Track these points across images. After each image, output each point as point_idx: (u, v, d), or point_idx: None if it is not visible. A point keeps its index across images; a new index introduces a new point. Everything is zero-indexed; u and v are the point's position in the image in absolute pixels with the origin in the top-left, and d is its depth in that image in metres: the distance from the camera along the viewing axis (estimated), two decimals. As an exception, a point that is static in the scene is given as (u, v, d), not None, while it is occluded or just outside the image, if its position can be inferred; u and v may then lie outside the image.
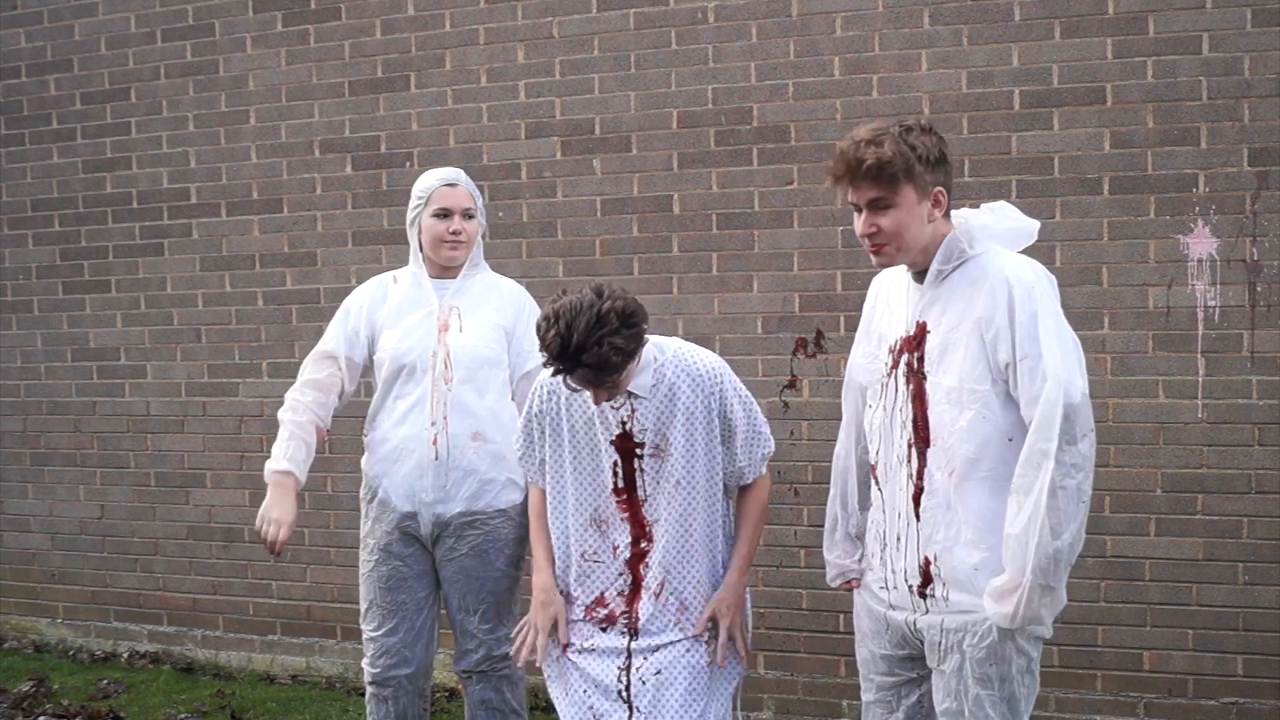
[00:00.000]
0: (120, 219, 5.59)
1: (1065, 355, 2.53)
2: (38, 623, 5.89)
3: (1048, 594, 2.50)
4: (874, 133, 2.61)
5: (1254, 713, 4.21)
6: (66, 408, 5.75)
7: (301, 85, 5.26)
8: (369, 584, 3.69)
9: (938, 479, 2.64)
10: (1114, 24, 4.23)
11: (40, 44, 5.69)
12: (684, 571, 3.07)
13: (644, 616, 3.05)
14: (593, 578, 3.11)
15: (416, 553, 3.66)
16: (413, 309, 3.67)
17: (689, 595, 3.08)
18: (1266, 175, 4.12)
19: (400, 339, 3.64)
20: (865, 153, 2.58)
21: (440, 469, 3.58)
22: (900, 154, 2.57)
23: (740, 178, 4.67)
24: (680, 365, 3.02)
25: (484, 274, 3.77)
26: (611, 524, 3.09)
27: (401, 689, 3.68)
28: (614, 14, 4.80)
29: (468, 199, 3.66)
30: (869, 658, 2.90)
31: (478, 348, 3.61)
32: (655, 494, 3.06)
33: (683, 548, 3.07)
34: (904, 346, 2.72)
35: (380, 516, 3.67)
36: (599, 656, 3.07)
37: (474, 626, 3.64)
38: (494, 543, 3.61)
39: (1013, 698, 2.63)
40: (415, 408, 3.60)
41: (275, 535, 3.56)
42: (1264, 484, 4.18)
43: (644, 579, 3.07)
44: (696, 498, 3.05)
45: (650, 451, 3.03)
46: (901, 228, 2.61)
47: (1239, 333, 4.17)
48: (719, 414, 3.04)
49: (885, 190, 2.59)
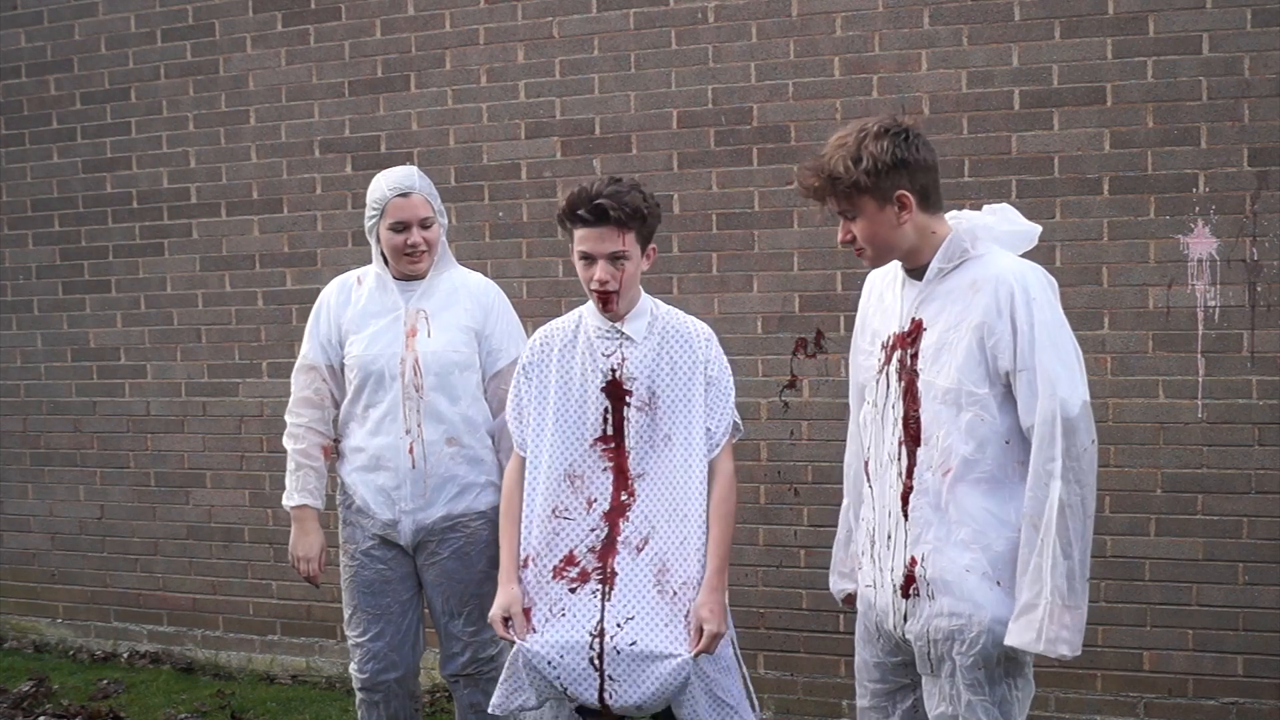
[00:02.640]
0: (120, 219, 5.59)
1: (1064, 367, 2.53)
2: (38, 623, 5.89)
3: (1068, 613, 2.49)
4: (821, 156, 2.66)
5: (1254, 713, 4.21)
6: (66, 408, 5.76)
7: (301, 85, 5.26)
8: (351, 590, 3.66)
9: (928, 478, 2.64)
10: (1114, 24, 4.22)
11: (40, 44, 5.69)
12: (670, 531, 3.03)
13: (621, 571, 3.00)
14: (561, 535, 3.06)
15: (398, 556, 3.63)
16: (379, 313, 3.59)
17: (671, 557, 3.02)
18: (1266, 175, 4.12)
19: (367, 345, 3.57)
20: (806, 177, 2.67)
21: (418, 477, 3.55)
22: (844, 170, 2.60)
23: (740, 178, 4.67)
24: (672, 320, 3.16)
25: (451, 271, 3.66)
26: (588, 477, 3.07)
27: (391, 693, 3.66)
28: (614, 14, 4.80)
29: (423, 207, 3.53)
30: (862, 664, 2.90)
31: (447, 353, 3.55)
32: (641, 447, 3.06)
33: (670, 506, 3.04)
34: (897, 343, 2.72)
35: (359, 523, 3.64)
36: (570, 621, 2.99)
37: (459, 629, 3.62)
38: (475, 545, 3.57)
39: (1004, 702, 2.62)
40: (388, 416, 3.55)
41: (308, 571, 3.69)
42: (1264, 484, 4.18)
43: (621, 533, 3.03)
44: (688, 456, 3.04)
45: (639, 404, 3.05)
46: (872, 234, 2.66)
47: (1239, 333, 4.17)
48: (703, 370, 3.09)
49: (843, 203, 2.66)
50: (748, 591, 4.68)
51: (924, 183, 2.64)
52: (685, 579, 3.01)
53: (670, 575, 3.01)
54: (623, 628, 2.96)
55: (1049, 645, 2.50)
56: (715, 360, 3.13)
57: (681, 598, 3.00)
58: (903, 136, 2.61)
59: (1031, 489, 2.52)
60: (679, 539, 3.02)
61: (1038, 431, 2.51)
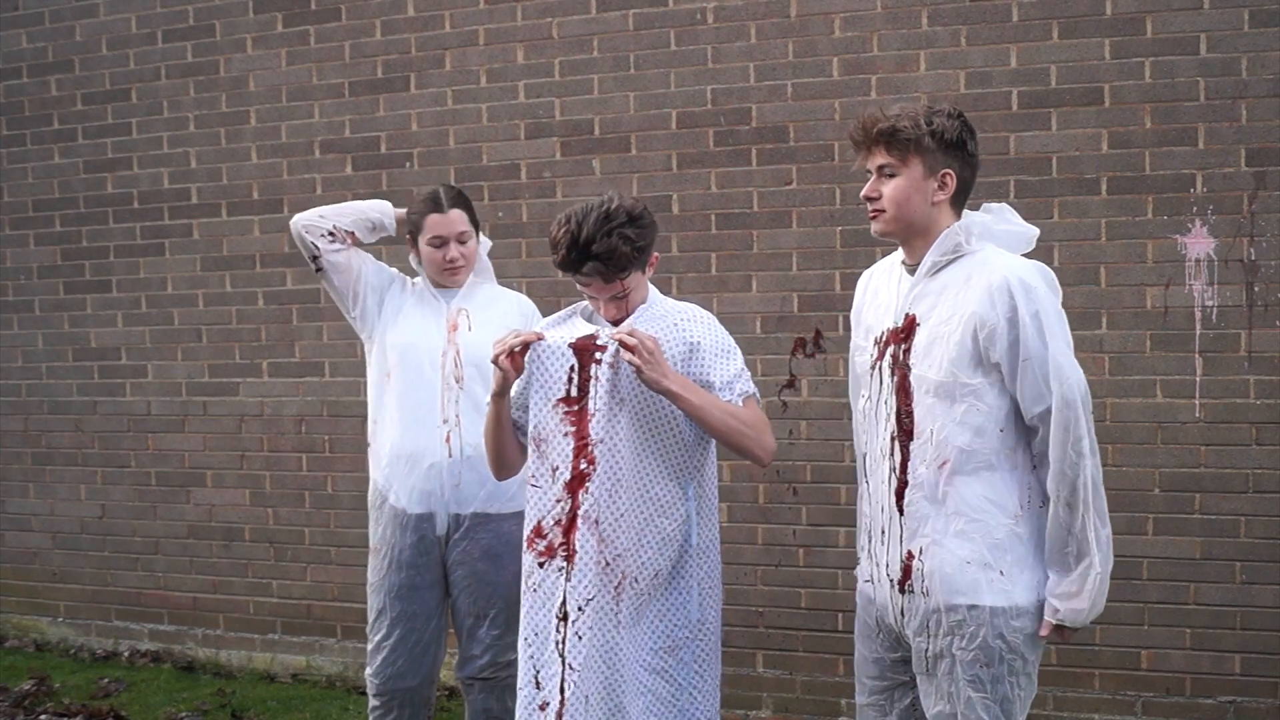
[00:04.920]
0: (121, 219, 5.61)
1: (1067, 354, 2.60)
2: (39, 621, 5.90)
3: (1108, 581, 2.62)
4: (899, 106, 2.72)
5: (1252, 711, 4.22)
6: (68, 407, 5.77)
7: (302, 86, 5.27)
8: (378, 593, 3.66)
9: (921, 472, 2.65)
10: (1112, 24, 4.23)
11: (41, 45, 5.70)
12: (614, 505, 2.87)
13: (580, 549, 2.84)
14: (531, 505, 2.93)
15: (429, 562, 3.63)
16: (421, 310, 3.68)
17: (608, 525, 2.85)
18: (1264, 175, 4.13)
19: (407, 333, 3.64)
20: (881, 117, 2.67)
21: (454, 468, 3.56)
22: (914, 125, 2.63)
23: (739, 178, 4.68)
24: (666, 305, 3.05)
25: (491, 285, 3.79)
26: (551, 442, 2.89)
27: (406, 701, 3.66)
28: (613, 14, 4.81)
29: (460, 223, 3.62)
30: (861, 660, 2.90)
31: (488, 344, 3.58)
32: (605, 411, 2.86)
33: (614, 479, 2.86)
34: (890, 338, 2.73)
35: (392, 524, 3.63)
36: (541, 599, 2.90)
37: (482, 632, 3.62)
38: (506, 546, 3.55)
39: (1005, 699, 2.62)
40: (424, 408, 3.58)
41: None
42: (1261, 483, 4.19)
43: (581, 506, 2.85)
44: (653, 430, 2.91)
45: (610, 360, 2.86)
46: (902, 198, 2.66)
47: (1236, 333, 4.18)
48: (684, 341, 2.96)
49: (893, 157, 2.66)
50: (746, 590, 4.69)
51: (966, 177, 2.71)
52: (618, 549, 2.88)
53: (606, 545, 2.87)
54: (583, 610, 2.85)
55: (1095, 612, 2.62)
56: (701, 332, 2.98)
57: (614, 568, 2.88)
58: (969, 127, 2.70)
59: (1059, 470, 2.58)
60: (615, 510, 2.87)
61: (1058, 415, 2.56)
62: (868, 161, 2.72)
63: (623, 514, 2.89)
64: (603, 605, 2.88)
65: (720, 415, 2.90)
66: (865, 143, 2.70)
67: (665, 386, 2.82)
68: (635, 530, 2.92)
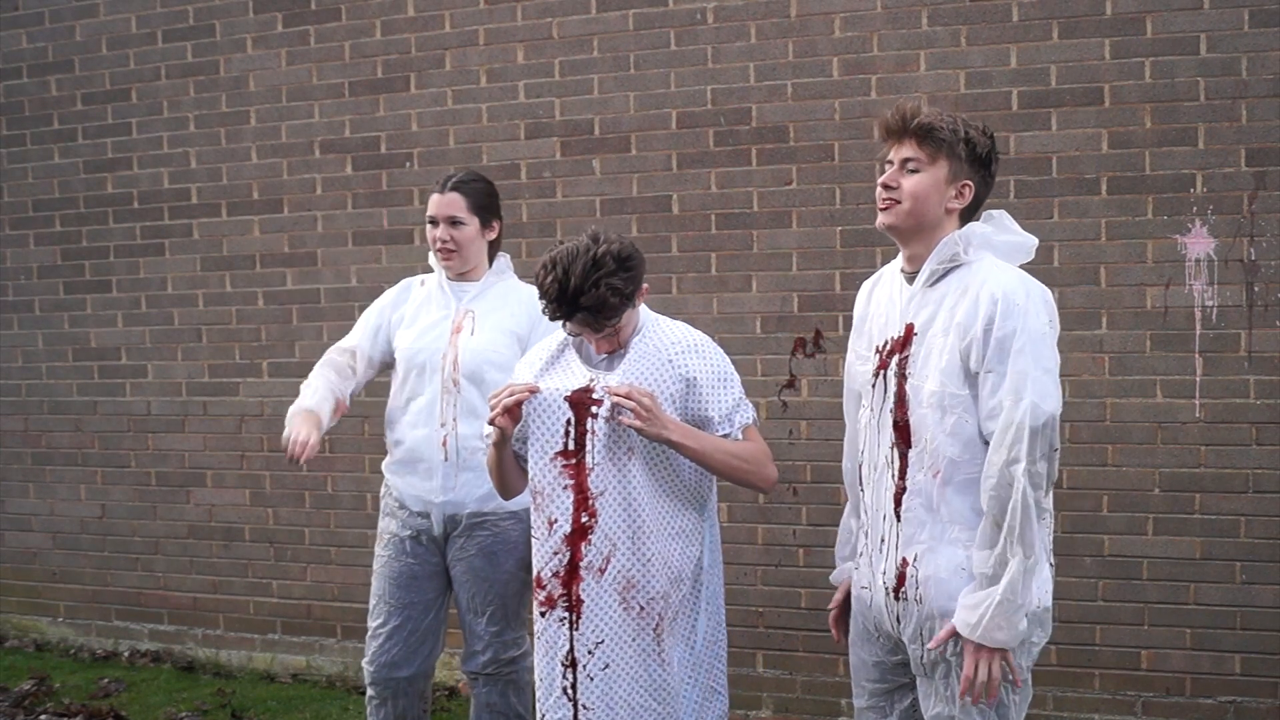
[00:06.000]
0: (121, 219, 5.61)
1: (1043, 373, 2.52)
2: (39, 621, 5.90)
3: (1013, 611, 2.48)
4: (939, 107, 2.74)
5: (1251, 711, 4.22)
6: (67, 407, 5.77)
7: (302, 86, 5.27)
8: (380, 579, 3.70)
9: (919, 479, 2.65)
10: (1112, 24, 4.23)
11: (41, 45, 5.70)
12: (631, 547, 2.86)
13: (587, 598, 2.85)
14: (533, 553, 2.93)
15: (430, 553, 3.67)
16: (432, 311, 3.71)
17: (635, 574, 2.86)
18: (1264, 175, 4.13)
19: (415, 338, 3.68)
20: (921, 110, 2.67)
21: (449, 470, 3.59)
22: (952, 129, 2.65)
23: (739, 178, 4.68)
24: (660, 332, 2.97)
25: (506, 280, 3.78)
26: (549, 495, 2.88)
27: (400, 691, 3.68)
28: (613, 14, 4.81)
29: (455, 205, 3.63)
30: (860, 664, 2.89)
31: (485, 351, 3.60)
32: (604, 464, 2.85)
33: (630, 522, 2.86)
34: (893, 348, 2.73)
35: (396, 514, 3.70)
36: (544, 646, 2.90)
37: (481, 628, 3.63)
38: (503, 544, 3.59)
39: (1001, 705, 2.61)
40: (426, 409, 3.63)
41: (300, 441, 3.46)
42: (1261, 483, 4.19)
43: (583, 558, 2.85)
44: (649, 469, 2.88)
45: (606, 414, 2.85)
46: (922, 194, 2.65)
47: (1236, 333, 4.18)
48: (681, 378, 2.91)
49: (923, 152, 2.65)
50: (746, 590, 4.69)
51: (981, 194, 2.72)
52: (652, 594, 2.88)
53: (636, 591, 2.88)
54: (594, 654, 2.86)
55: (985, 635, 2.50)
56: (696, 365, 2.93)
57: (650, 612, 2.89)
58: (996, 151, 2.74)
59: (994, 488, 2.50)
60: (642, 557, 2.87)
61: (1001, 433, 2.50)
62: (894, 152, 2.70)
63: (650, 559, 2.88)
64: (644, 647, 2.88)
65: (723, 458, 2.91)
66: (898, 132, 2.68)
67: (666, 438, 2.82)
68: (669, 571, 2.91)
